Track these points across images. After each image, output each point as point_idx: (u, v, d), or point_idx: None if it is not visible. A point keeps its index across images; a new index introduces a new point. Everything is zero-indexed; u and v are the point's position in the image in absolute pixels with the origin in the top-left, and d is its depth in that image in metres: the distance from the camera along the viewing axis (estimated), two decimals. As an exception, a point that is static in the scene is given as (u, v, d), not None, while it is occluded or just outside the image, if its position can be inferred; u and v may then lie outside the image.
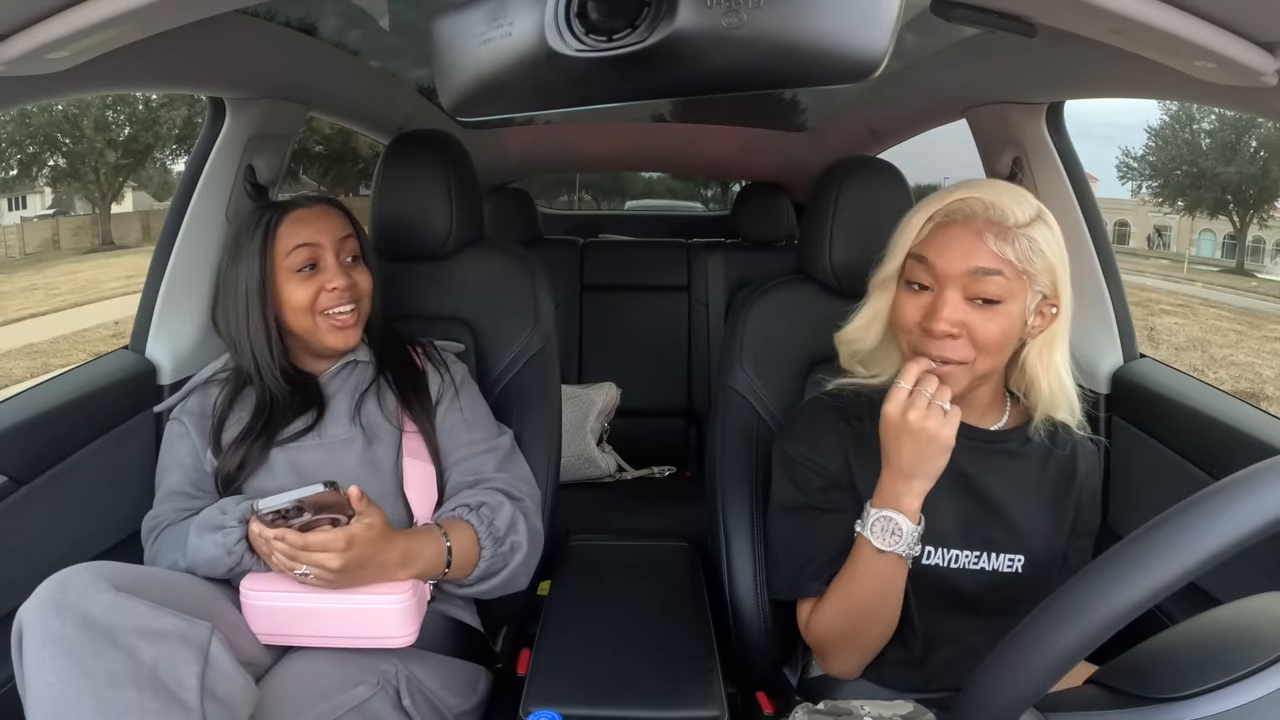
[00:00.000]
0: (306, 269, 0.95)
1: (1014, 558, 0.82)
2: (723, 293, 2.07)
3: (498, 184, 2.45)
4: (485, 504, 0.94)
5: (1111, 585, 0.43)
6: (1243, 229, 18.62)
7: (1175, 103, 17.15)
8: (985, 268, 0.73)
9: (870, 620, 0.81)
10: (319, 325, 0.96)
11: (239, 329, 0.96)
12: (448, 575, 0.90)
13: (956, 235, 0.74)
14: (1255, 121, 16.98)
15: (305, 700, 0.78)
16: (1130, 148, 18.93)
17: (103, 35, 0.67)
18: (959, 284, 0.74)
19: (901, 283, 0.79)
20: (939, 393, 0.74)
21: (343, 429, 0.96)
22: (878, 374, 0.86)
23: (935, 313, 0.74)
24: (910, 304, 0.77)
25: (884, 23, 0.49)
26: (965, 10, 0.75)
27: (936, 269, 0.75)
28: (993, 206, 0.73)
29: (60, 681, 0.65)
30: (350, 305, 0.97)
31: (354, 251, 1.00)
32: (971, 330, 0.74)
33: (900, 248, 0.79)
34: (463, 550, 0.90)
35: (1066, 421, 0.82)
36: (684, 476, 1.95)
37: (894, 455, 0.76)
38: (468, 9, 0.56)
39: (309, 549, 0.78)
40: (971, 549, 0.81)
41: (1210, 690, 0.43)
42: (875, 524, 0.77)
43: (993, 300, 0.73)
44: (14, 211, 19.35)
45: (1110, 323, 1.17)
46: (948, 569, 0.81)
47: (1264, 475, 0.42)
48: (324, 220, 0.97)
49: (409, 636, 0.85)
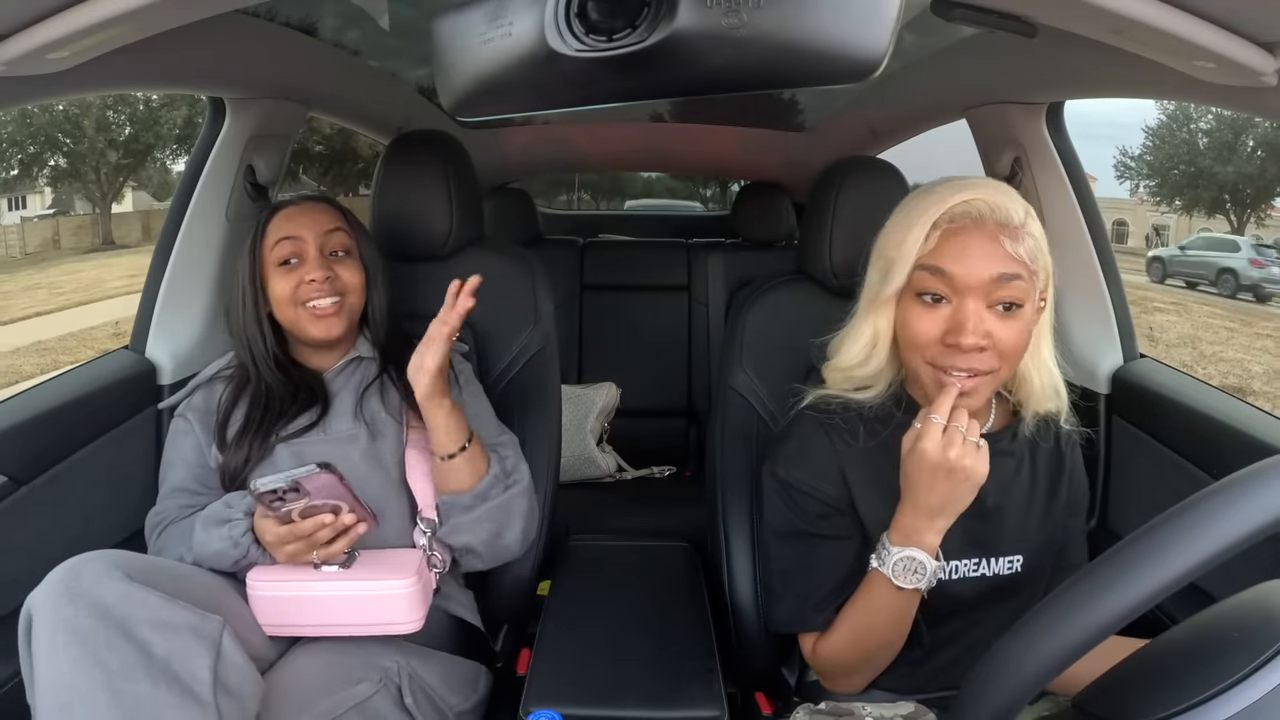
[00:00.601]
0: (290, 262, 0.97)
1: (1012, 559, 0.80)
2: (723, 293, 2.07)
3: (498, 184, 2.46)
4: (496, 452, 0.98)
5: (1111, 585, 0.43)
6: (1239, 228, 18.73)
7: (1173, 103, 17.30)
8: (1007, 273, 0.69)
9: (884, 648, 0.79)
10: (300, 316, 0.97)
11: (239, 323, 0.99)
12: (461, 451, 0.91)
13: (972, 241, 0.70)
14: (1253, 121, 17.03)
15: (308, 697, 0.78)
16: (1127, 147, 19.06)
17: (103, 35, 0.67)
18: (981, 292, 0.70)
19: (908, 296, 0.74)
20: (970, 426, 0.70)
21: (347, 425, 0.97)
22: (865, 391, 0.82)
23: (961, 326, 0.70)
24: (926, 319, 0.72)
25: (884, 23, 0.49)
26: (965, 10, 0.75)
27: (955, 279, 0.70)
28: (998, 207, 0.70)
29: (74, 670, 0.65)
30: (332, 298, 0.97)
31: (341, 246, 1.00)
32: (996, 339, 0.70)
33: (904, 260, 0.73)
34: (477, 450, 0.94)
35: (1053, 411, 0.80)
36: (684, 476, 1.95)
37: (924, 493, 0.71)
38: (468, 9, 0.56)
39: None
40: (969, 557, 0.80)
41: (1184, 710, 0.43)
42: (897, 564, 0.73)
43: (1014, 304, 0.71)
44: (14, 211, 19.37)
45: (1110, 323, 1.17)
46: (948, 580, 0.78)
47: (1264, 475, 0.42)
48: (308, 215, 0.99)
49: (416, 623, 0.86)
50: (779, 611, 0.84)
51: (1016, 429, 0.81)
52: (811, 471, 0.81)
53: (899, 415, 0.80)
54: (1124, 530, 1.10)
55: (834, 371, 0.83)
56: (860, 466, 0.80)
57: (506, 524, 0.95)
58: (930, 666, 0.84)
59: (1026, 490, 0.82)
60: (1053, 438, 0.84)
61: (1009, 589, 0.81)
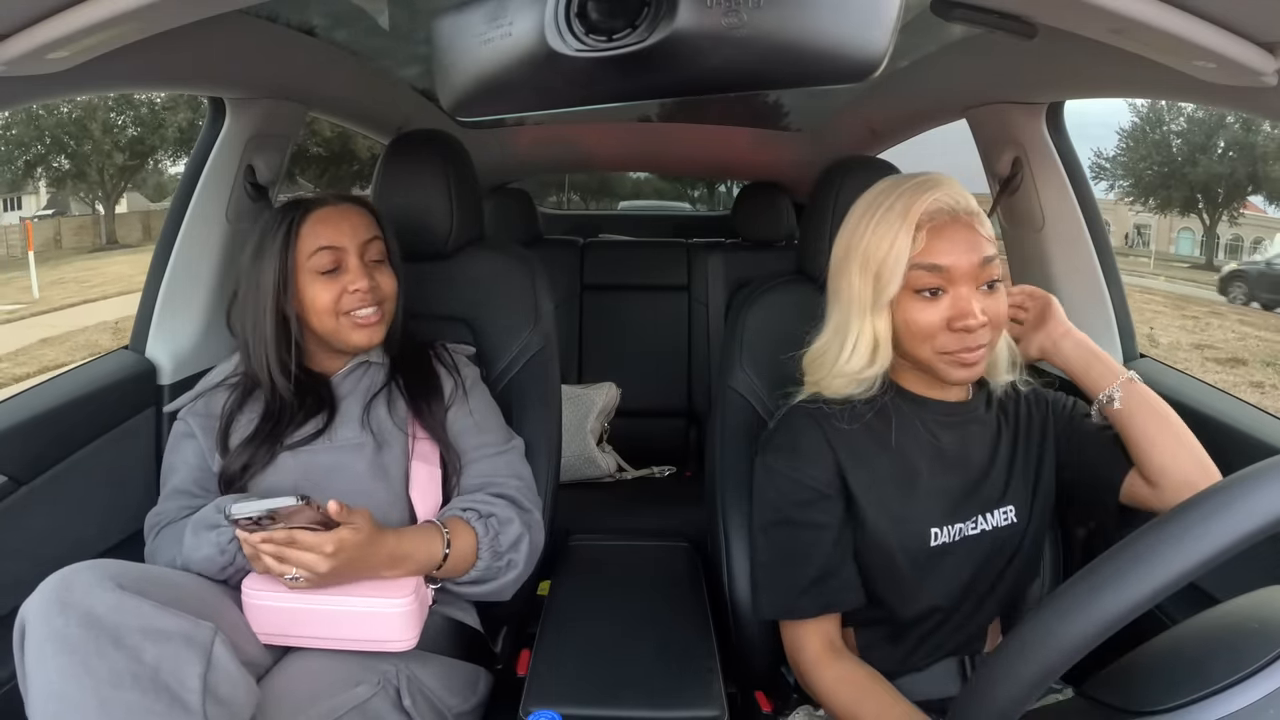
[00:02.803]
0: (330, 271, 0.95)
1: (1005, 509, 0.85)
2: (723, 293, 2.07)
3: (498, 184, 2.46)
4: (495, 516, 0.94)
5: (1111, 585, 0.43)
6: (1212, 226, 19.01)
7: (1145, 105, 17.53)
8: (988, 255, 0.77)
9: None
10: (341, 325, 0.96)
11: (254, 327, 0.95)
12: (438, 575, 0.90)
13: (957, 234, 0.77)
14: (1224, 121, 17.23)
15: (306, 700, 0.78)
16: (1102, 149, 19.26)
17: (103, 35, 0.67)
18: (972, 277, 0.77)
19: (906, 295, 0.78)
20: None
21: (353, 433, 0.96)
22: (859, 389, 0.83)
23: (965, 311, 0.76)
24: (929, 312, 0.78)
25: (884, 23, 0.49)
26: (965, 10, 0.75)
27: (951, 270, 0.76)
28: (960, 199, 0.78)
29: (63, 680, 0.65)
30: (373, 307, 0.96)
31: (379, 254, 0.99)
32: (990, 314, 0.77)
33: (898, 264, 0.77)
34: (460, 555, 0.90)
35: (1013, 380, 0.88)
36: (684, 476, 1.95)
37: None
38: (468, 9, 0.56)
39: (296, 545, 0.78)
40: (969, 517, 0.83)
41: (1192, 702, 0.43)
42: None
43: (996, 281, 0.78)
44: (11, 212, 19.36)
45: (1110, 323, 1.17)
46: (954, 542, 0.83)
47: (1264, 475, 0.42)
48: (348, 221, 0.96)
49: (409, 641, 0.85)
50: (765, 598, 0.87)
51: (989, 396, 0.88)
52: (800, 459, 0.84)
53: (883, 399, 0.84)
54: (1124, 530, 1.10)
55: (837, 379, 0.83)
56: (849, 447, 0.84)
57: (498, 594, 0.96)
58: (950, 626, 0.86)
59: (1009, 449, 0.87)
60: (1025, 401, 0.90)
61: (1008, 538, 0.85)
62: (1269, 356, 8.36)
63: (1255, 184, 17.97)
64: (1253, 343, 9.05)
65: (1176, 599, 0.47)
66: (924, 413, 0.85)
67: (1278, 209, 19.69)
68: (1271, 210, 19.92)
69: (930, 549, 0.82)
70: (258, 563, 0.81)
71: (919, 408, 0.85)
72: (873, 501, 0.82)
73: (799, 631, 0.85)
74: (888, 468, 0.83)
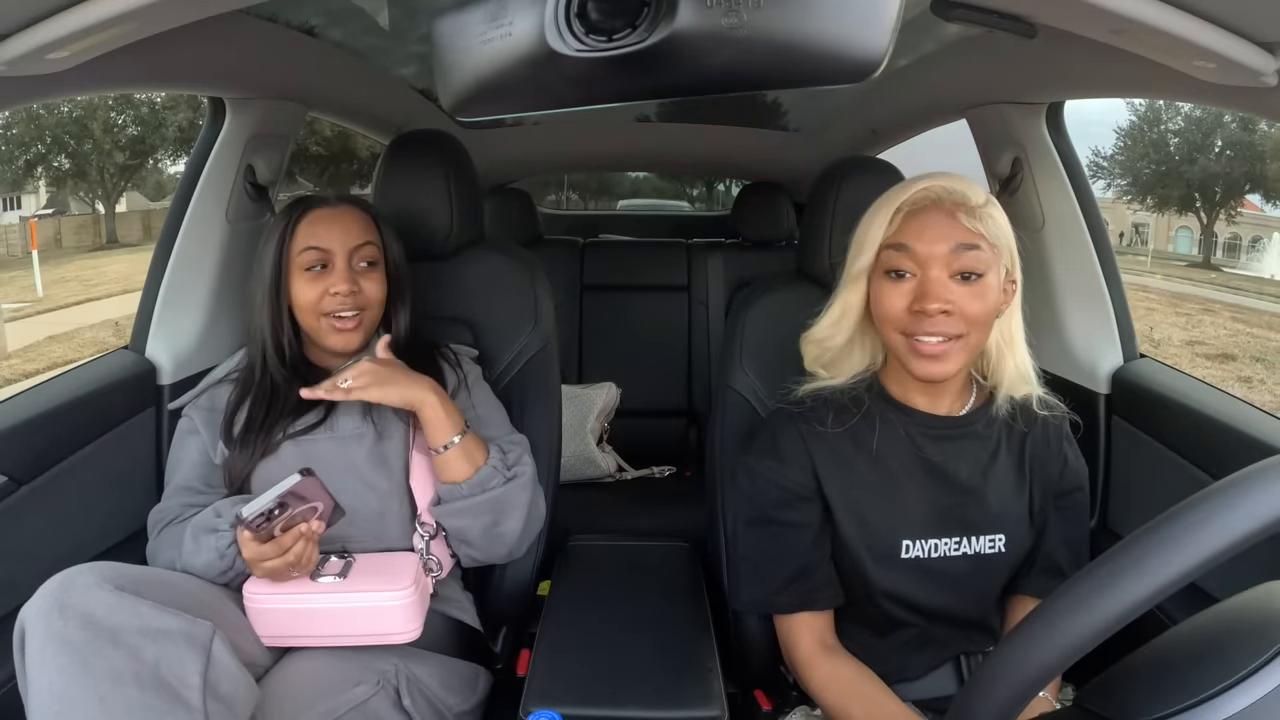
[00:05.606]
0: (316, 269, 0.96)
1: (994, 537, 0.83)
2: (723, 293, 2.07)
3: (498, 184, 2.46)
4: (499, 444, 0.99)
5: (1111, 585, 0.43)
6: (1209, 225, 19.06)
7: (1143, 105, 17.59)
8: (965, 242, 0.75)
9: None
10: (322, 326, 0.97)
11: (255, 313, 0.99)
12: (454, 445, 0.92)
13: (932, 218, 0.76)
14: (1221, 120, 17.26)
15: (305, 700, 0.78)
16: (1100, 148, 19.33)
17: (103, 35, 0.67)
18: (942, 263, 0.76)
19: (878, 275, 0.79)
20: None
21: (355, 423, 0.97)
22: (837, 375, 0.87)
23: (926, 294, 0.75)
24: (894, 293, 0.78)
25: (884, 23, 0.49)
26: (965, 10, 0.75)
27: (918, 253, 0.76)
28: (954, 191, 0.77)
29: (63, 680, 0.65)
30: (353, 311, 0.97)
31: (370, 258, 0.99)
32: (961, 306, 0.75)
33: (871, 241, 0.79)
34: (474, 441, 0.95)
35: (1026, 397, 0.84)
36: (684, 476, 1.95)
37: None
38: (468, 9, 0.56)
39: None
40: (950, 535, 0.82)
41: (1187, 708, 0.43)
42: None
43: (975, 273, 0.76)
44: (11, 211, 19.36)
45: (1110, 323, 1.17)
46: (929, 559, 0.82)
47: (1264, 475, 0.42)
48: (339, 224, 0.97)
49: (413, 632, 0.86)
50: (744, 593, 0.89)
51: (990, 411, 0.84)
52: (778, 460, 0.85)
53: (868, 401, 0.84)
54: (1124, 530, 1.10)
55: (809, 344, 0.88)
56: (826, 449, 0.84)
57: (505, 514, 0.95)
58: (935, 635, 0.86)
59: (1006, 472, 0.84)
60: (1037, 424, 0.86)
61: (994, 567, 0.84)
62: (1258, 352, 8.52)
63: (1253, 182, 18.05)
64: (1243, 339, 9.21)
65: (1176, 599, 0.47)
66: (910, 422, 0.84)
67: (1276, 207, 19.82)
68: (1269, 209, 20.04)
69: (901, 560, 0.81)
70: (257, 567, 0.82)
71: (905, 417, 0.84)
72: (844, 505, 0.83)
73: (792, 630, 0.85)
74: (864, 473, 0.83)
